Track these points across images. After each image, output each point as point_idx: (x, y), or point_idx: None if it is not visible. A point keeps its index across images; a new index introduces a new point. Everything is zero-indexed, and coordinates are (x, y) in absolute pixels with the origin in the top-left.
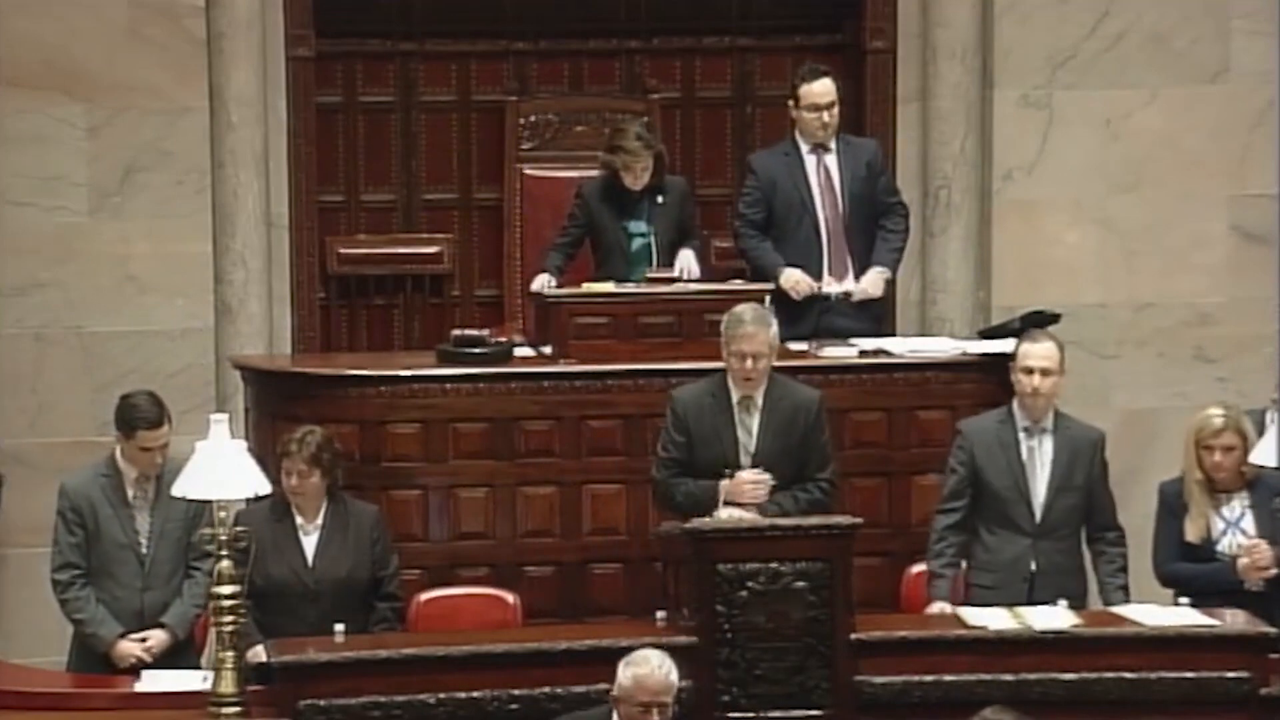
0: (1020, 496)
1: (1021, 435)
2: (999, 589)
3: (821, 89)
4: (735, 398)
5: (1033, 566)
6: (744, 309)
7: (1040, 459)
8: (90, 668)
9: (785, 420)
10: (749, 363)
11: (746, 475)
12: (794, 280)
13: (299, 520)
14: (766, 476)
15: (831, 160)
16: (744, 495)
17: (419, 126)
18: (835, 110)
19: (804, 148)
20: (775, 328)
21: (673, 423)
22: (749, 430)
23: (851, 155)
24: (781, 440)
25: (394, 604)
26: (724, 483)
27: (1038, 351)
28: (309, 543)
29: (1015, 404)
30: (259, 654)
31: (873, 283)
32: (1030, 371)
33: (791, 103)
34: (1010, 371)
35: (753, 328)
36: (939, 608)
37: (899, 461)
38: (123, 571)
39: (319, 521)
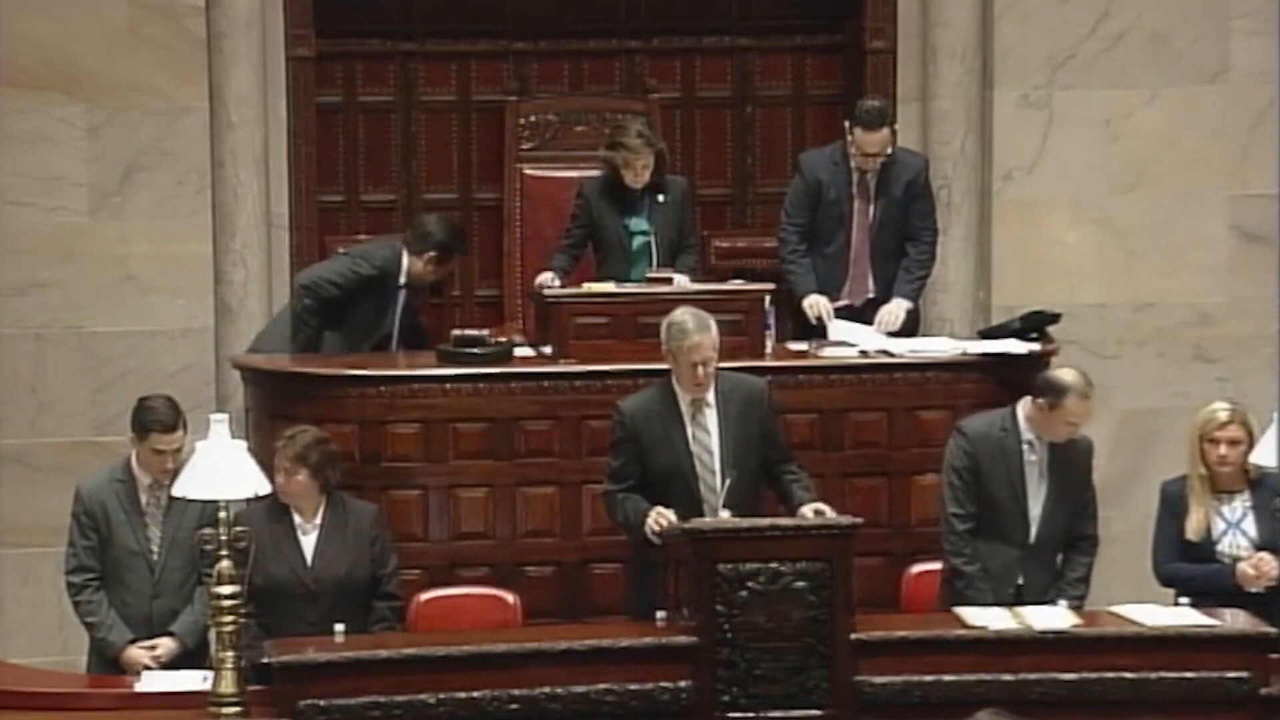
0: (1018, 509)
1: (1025, 448)
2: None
3: (875, 141)
4: (684, 402)
5: (1020, 580)
6: (684, 317)
7: (1040, 472)
8: (108, 669)
9: (741, 411)
10: (700, 370)
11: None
12: (812, 304)
13: (297, 520)
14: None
15: (873, 181)
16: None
17: (419, 126)
18: (887, 152)
19: (853, 160)
20: (715, 327)
21: (621, 435)
22: (705, 429)
23: (894, 174)
24: (743, 430)
25: (393, 603)
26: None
27: (1087, 411)
28: (308, 542)
29: (1020, 414)
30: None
31: (891, 314)
32: (1074, 425)
33: (847, 123)
34: (1045, 409)
35: (698, 336)
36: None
37: (899, 461)
38: (133, 578)
39: (317, 521)
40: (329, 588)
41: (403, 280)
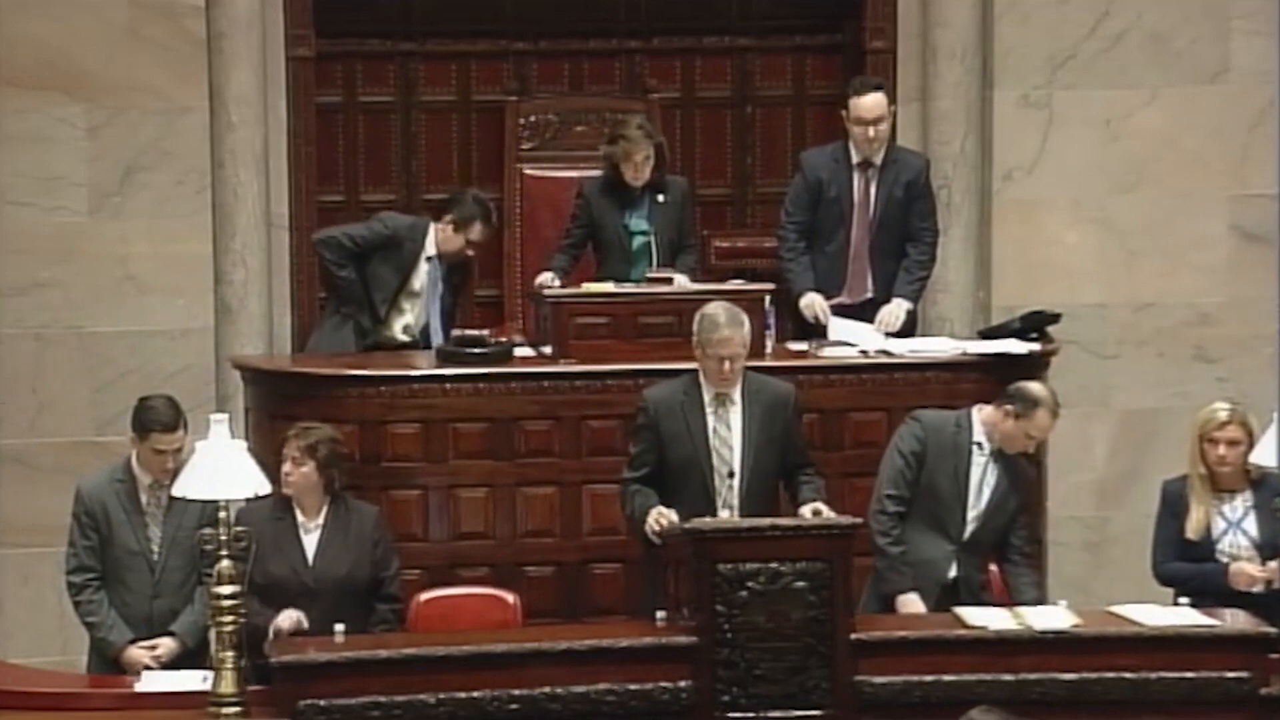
0: (958, 505)
1: (974, 449)
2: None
3: (870, 104)
4: (708, 396)
5: (952, 574)
6: (716, 310)
7: (984, 476)
8: (108, 669)
9: (767, 413)
10: (726, 365)
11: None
12: (809, 303)
13: (300, 519)
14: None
15: (874, 178)
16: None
17: (419, 126)
18: (884, 125)
19: (854, 157)
20: (748, 325)
21: (642, 422)
22: (727, 425)
23: (895, 174)
24: (767, 432)
25: (394, 605)
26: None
27: (1051, 428)
28: (309, 541)
29: (975, 417)
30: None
31: (891, 314)
32: (1034, 438)
33: (844, 112)
34: (1011, 417)
35: (728, 330)
36: (914, 601)
37: None
38: (133, 578)
39: (320, 520)
40: (328, 587)
41: (430, 252)
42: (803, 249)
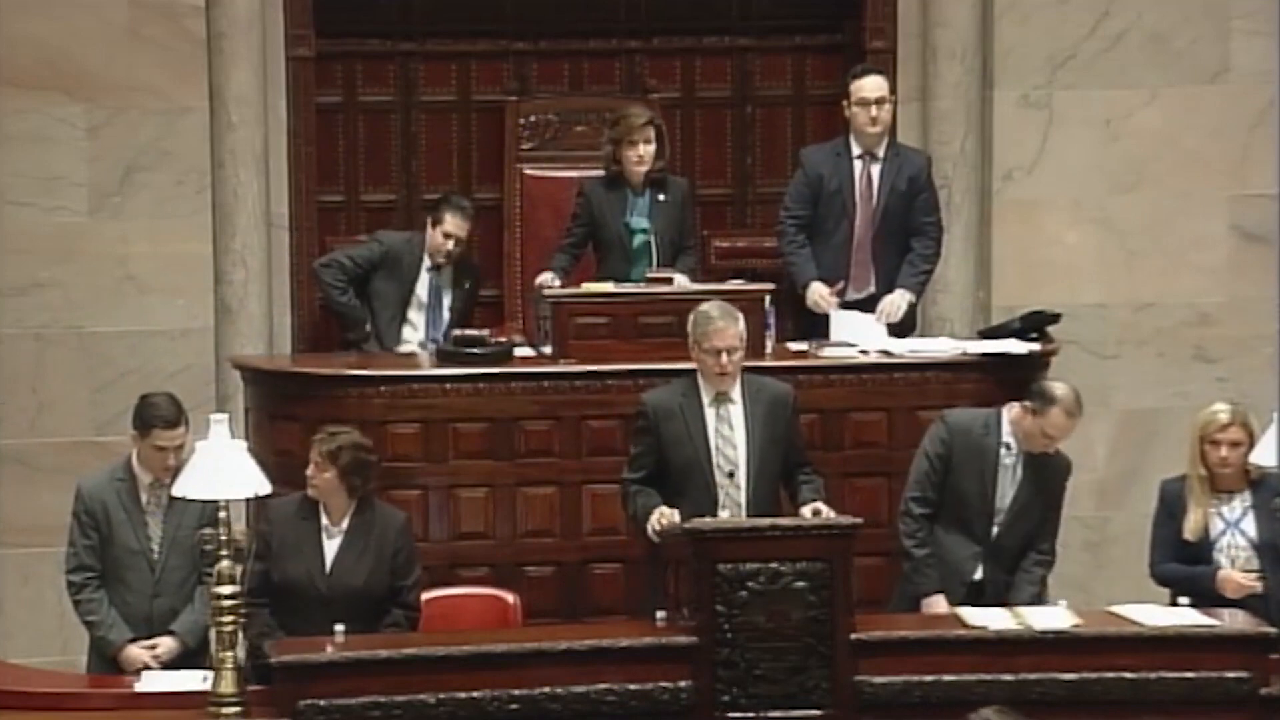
0: (984, 506)
1: (1002, 449)
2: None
3: (871, 85)
4: (707, 398)
5: (977, 575)
6: (709, 306)
7: (1013, 476)
8: (108, 669)
9: (768, 414)
10: (724, 358)
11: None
12: (816, 297)
13: (324, 522)
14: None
15: (876, 170)
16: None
17: (419, 126)
18: (886, 109)
19: (855, 150)
20: (742, 321)
21: (642, 425)
22: (729, 425)
23: (897, 167)
24: (768, 432)
25: (410, 612)
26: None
27: (1069, 428)
28: (330, 546)
29: (1005, 417)
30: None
31: (893, 304)
32: (1052, 438)
33: (845, 102)
34: (1029, 414)
35: (722, 323)
36: (939, 602)
37: (899, 461)
38: (134, 577)
39: (344, 525)
40: (342, 594)
41: (428, 262)
42: (803, 241)
